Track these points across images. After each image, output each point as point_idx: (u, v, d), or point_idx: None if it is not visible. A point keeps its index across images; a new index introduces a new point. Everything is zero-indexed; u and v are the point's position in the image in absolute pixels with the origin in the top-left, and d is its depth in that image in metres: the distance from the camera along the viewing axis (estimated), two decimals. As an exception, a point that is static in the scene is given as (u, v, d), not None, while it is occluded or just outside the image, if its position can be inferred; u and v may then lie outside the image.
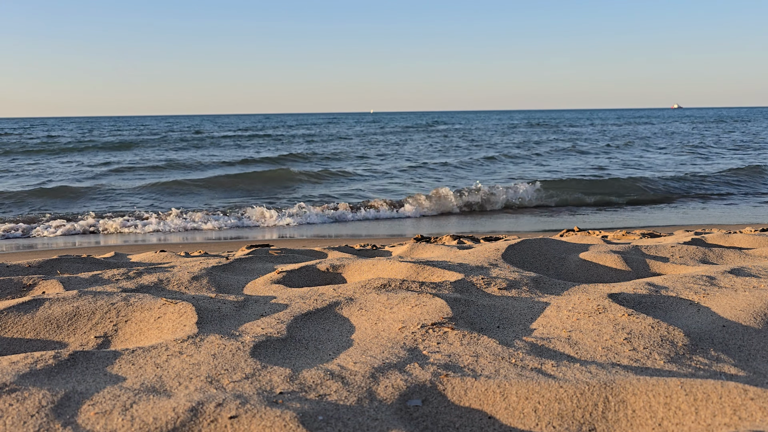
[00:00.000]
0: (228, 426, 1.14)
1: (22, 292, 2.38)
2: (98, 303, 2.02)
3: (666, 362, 1.53)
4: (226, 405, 1.20)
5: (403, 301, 2.03)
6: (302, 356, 1.60)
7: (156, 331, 1.85)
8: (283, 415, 1.15)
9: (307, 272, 2.70)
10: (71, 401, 1.25)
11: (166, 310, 1.97)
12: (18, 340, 1.84)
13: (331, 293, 2.19)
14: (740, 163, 16.15)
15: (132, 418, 1.17)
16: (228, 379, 1.39)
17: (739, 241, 3.57)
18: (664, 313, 1.99)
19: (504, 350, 1.58)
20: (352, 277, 2.67)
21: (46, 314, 1.95)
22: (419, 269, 2.57)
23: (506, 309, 2.02)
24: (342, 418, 1.18)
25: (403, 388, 1.34)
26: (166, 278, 2.55)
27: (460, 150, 22.45)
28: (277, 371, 1.43)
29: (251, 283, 2.55)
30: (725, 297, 2.08)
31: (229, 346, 1.60)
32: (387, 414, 1.23)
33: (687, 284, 2.28)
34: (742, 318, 1.83)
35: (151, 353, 1.56)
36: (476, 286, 2.32)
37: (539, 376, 1.40)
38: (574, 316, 1.88)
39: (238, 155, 20.66)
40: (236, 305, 2.08)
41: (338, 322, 1.90)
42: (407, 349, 1.59)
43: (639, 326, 1.74)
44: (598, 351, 1.59)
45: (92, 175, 15.24)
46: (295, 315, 1.92)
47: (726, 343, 1.68)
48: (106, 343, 1.82)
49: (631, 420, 1.22)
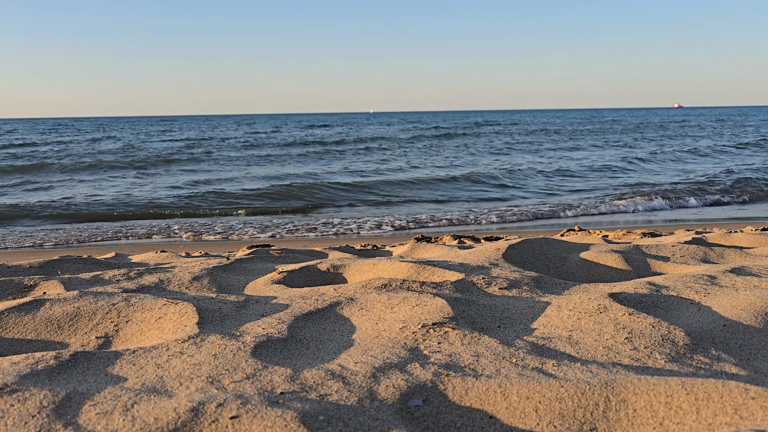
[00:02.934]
0: (229, 426, 1.14)
1: (23, 292, 2.39)
2: (99, 303, 2.02)
3: (667, 362, 1.53)
4: (227, 405, 1.20)
5: (404, 300, 2.03)
6: (303, 356, 1.60)
7: (157, 332, 1.85)
8: (284, 415, 1.15)
9: (308, 272, 2.70)
10: (72, 401, 1.26)
11: (166, 310, 1.97)
12: (19, 340, 1.84)
13: (331, 293, 2.19)
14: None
15: (133, 419, 1.17)
16: (229, 379, 1.39)
17: (739, 240, 3.57)
18: (665, 312, 1.99)
19: (505, 350, 1.58)
20: (353, 277, 2.67)
21: (47, 315, 1.95)
22: (420, 269, 2.57)
23: (507, 309, 2.02)
24: (343, 418, 1.18)
25: (404, 387, 1.34)
26: (166, 278, 2.55)
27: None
28: (278, 371, 1.43)
29: (252, 284, 2.55)
30: (726, 296, 2.08)
31: (229, 346, 1.60)
32: (388, 414, 1.23)
33: (688, 283, 2.28)
34: (743, 317, 1.83)
35: (152, 353, 1.56)
36: (477, 286, 2.32)
37: (540, 375, 1.40)
38: (575, 315, 1.88)
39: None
40: (237, 305, 2.08)
41: (339, 322, 1.90)
42: (408, 348, 1.59)
43: (640, 326, 1.74)
44: (599, 350, 1.59)
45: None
46: (295, 315, 1.92)
47: (727, 342, 1.67)
48: (107, 344, 1.82)
49: (632, 419, 1.22)
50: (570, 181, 13.93)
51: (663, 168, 16.33)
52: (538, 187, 13.21)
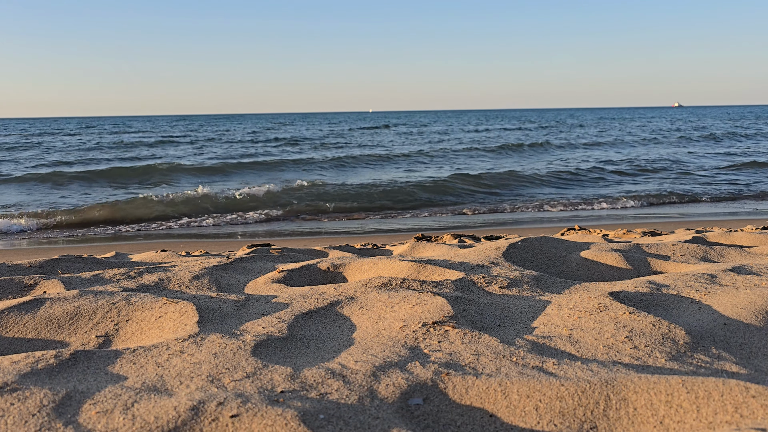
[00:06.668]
0: (229, 425, 1.14)
1: (23, 291, 2.39)
2: (99, 302, 2.02)
3: (667, 360, 1.53)
4: (227, 404, 1.20)
5: (404, 299, 2.03)
6: (303, 355, 1.60)
7: (157, 331, 1.85)
8: (284, 414, 1.15)
9: (308, 271, 2.70)
10: (72, 400, 1.26)
11: (167, 309, 1.97)
12: (19, 339, 1.84)
13: (332, 292, 2.19)
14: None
15: (133, 417, 1.17)
16: (229, 378, 1.39)
17: (740, 239, 3.57)
18: (665, 311, 1.98)
19: (505, 349, 1.58)
20: (353, 276, 2.67)
21: (48, 314, 1.95)
22: (420, 268, 2.57)
23: (507, 307, 2.02)
24: (343, 417, 1.18)
25: (405, 386, 1.34)
26: (167, 278, 2.55)
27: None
28: (278, 370, 1.43)
29: (252, 283, 2.55)
30: (726, 295, 2.08)
31: (230, 345, 1.60)
32: (388, 413, 1.23)
33: (688, 282, 2.28)
34: (744, 316, 1.83)
35: (152, 352, 1.56)
36: (477, 285, 2.32)
37: (540, 374, 1.40)
38: (576, 314, 1.88)
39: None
40: (237, 304, 2.08)
41: (339, 321, 1.90)
42: (408, 347, 1.59)
43: (640, 324, 1.74)
44: (599, 349, 1.59)
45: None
46: (296, 314, 1.92)
47: (727, 341, 1.67)
48: (107, 343, 1.82)
49: (633, 418, 1.22)
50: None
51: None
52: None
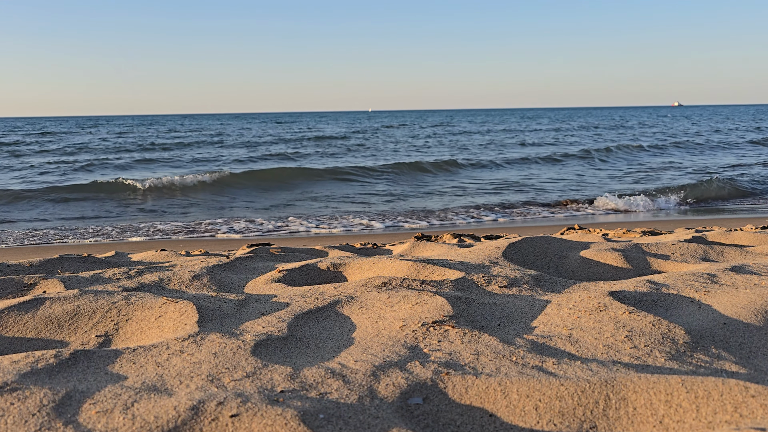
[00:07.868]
0: (229, 424, 1.14)
1: (23, 291, 2.39)
2: (99, 302, 2.02)
3: (667, 360, 1.53)
4: (227, 403, 1.20)
5: (404, 299, 2.03)
6: (303, 355, 1.60)
7: (157, 330, 1.85)
8: (284, 414, 1.15)
9: (308, 271, 2.70)
10: (72, 400, 1.26)
11: (167, 308, 1.97)
12: (19, 339, 1.84)
13: (331, 292, 2.19)
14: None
15: (133, 417, 1.17)
16: (229, 377, 1.39)
17: (739, 238, 3.57)
18: (665, 310, 1.99)
19: (505, 348, 1.58)
20: (353, 275, 2.67)
21: (47, 313, 1.95)
22: (420, 267, 2.57)
23: (507, 307, 2.02)
24: (343, 416, 1.18)
25: (404, 386, 1.34)
26: (166, 277, 2.55)
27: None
28: (278, 370, 1.43)
29: (252, 282, 2.55)
30: (726, 294, 2.08)
31: (230, 345, 1.60)
32: (388, 412, 1.23)
33: (688, 282, 2.28)
34: (743, 315, 1.83)
35: (152, 352, 1.56)
36: (477, 285, 2.32)
37: (540, 373, 1.40)
38: (575, 314, 1.88)
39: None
40: (237, 304, 2.08)
41: (339, 321, 1.90)
42: (408, 347, 1.59)
43: (640, 324, 1.74)
44: (599, 349, 1.59)
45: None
46: (295, 313, 1.92)
47: (727, 340, 1.67)
48: (107, 342, 1.82)
49: (632, 417, 1.22)
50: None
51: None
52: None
